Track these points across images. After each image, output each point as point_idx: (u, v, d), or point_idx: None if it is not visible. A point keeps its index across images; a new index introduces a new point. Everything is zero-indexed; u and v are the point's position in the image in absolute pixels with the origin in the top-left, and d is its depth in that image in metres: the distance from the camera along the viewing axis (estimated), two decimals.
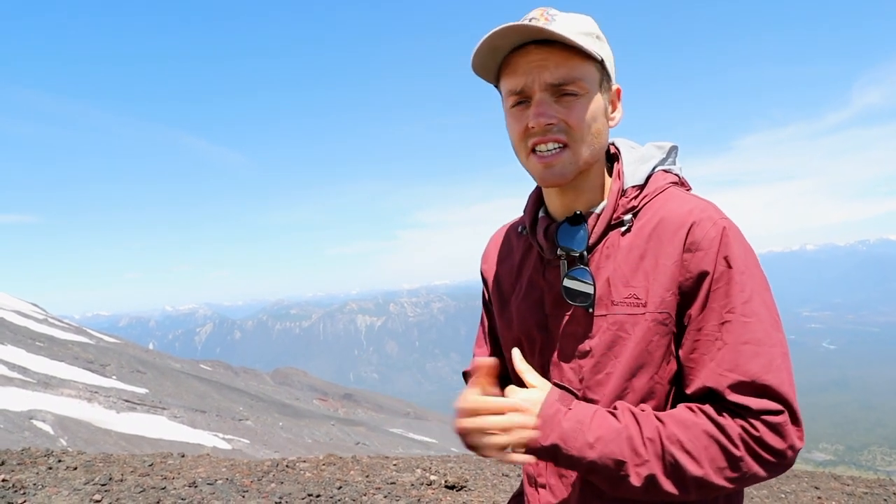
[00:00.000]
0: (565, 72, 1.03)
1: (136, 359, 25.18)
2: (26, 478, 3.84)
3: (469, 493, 4.56)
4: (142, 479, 4.13)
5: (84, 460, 4.46)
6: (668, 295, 1.04)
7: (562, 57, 1.03)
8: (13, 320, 25.14)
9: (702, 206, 1.08)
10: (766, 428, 0.95)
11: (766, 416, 0.95)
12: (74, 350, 22.86)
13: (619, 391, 1.07)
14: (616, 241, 1.11)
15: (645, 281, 1.06)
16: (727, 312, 1.00)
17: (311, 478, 4.59)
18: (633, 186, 1.13)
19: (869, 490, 5.65)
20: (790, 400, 0.96)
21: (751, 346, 0.98)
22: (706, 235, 1.03)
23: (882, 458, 66.97)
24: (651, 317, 1.05)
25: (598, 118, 1.08)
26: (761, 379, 0.96)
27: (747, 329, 0.98)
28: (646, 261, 1.07)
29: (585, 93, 1.06)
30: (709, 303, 1.02)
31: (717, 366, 0.99)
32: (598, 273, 1.11)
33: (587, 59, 1.05)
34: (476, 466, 5.55)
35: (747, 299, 1.00)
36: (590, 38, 1.06)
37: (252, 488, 4.19)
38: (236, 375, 36.85)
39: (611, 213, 1.12)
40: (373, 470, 5.00)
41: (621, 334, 1.07)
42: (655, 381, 1.06)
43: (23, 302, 32.64)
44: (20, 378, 16.57)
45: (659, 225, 1.08)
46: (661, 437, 0.97)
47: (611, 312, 1.08)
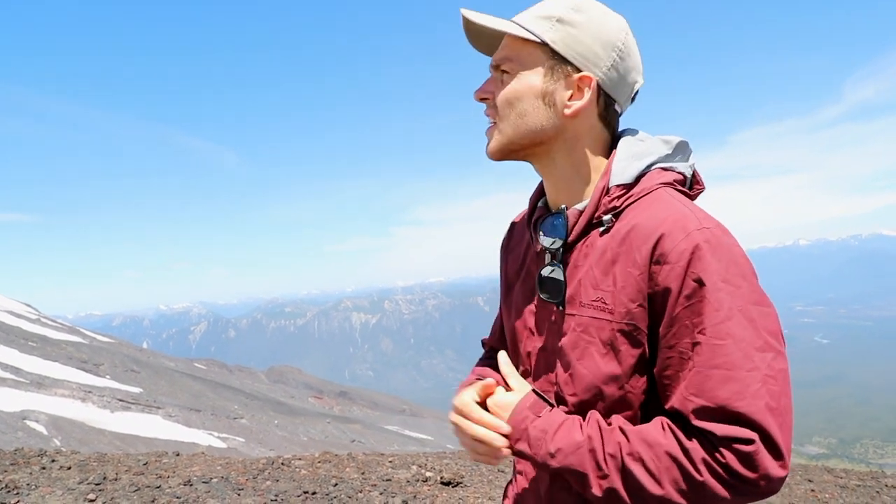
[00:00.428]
0: (503, 53, 1.09)
1: (130, 358, 25.07)
2: (20, 478, 3.82)
3: (465, 490, 4.56)
4: (136, 478, 4.11)
5: (78, 460, 4.44)
6: (633, 306, 0.99)
7: (508, 40, 1.09)
8: (5, 320, 24.98)
9: (681, 213, 0.99)
10: (733, 456, 0.89)
11: (735, 445, 0.89)
12: (68, 350, 22.74)
13: (589, 395, 1.04)
14: (595, 240, 1.07)
15: (613, 286, 1.02)
16: (698, 333, 0.93)
17: (307, 475, 4.59)
18: (618, 185, 1.06)
19: (861, 482, 5.69)
20: (767, 428, 0.88)
21: (721, 370, 0.90)
22: (675, 248, 0.95)
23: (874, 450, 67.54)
24: (617, 325, 1.00)
25: (524, 98, 1.07)
26: (731, 405, 0.89)
27: (718, 352, 0.91)
28: (616, 266, 1.02)
29: (513, 72, 1.08)
30: (679, 320, 0.95)
31: (685, 388, 0.93)
32: (574, 272, 1.08)
33: (526, 41, 1.06)
34: (472, 463, 5.55)
35: (723, 319, 0.92)
36: (544, 21, 1.05)
37: (247, 486, 4.18)
38: (231, 374, 36.76)
39: (592, 212, 1.07)
40: (368, 467, 5.00)
41: (585, 336, 1.04)
42: (627, 391, 1.02)
43: (15, 302, 32.42)
44: (13, 378, 16.48)
45: (632, 231, 1.01)
46: (622, 453, 0.95)
47: (579, 313, 1.05)
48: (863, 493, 5.32)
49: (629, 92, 1.11)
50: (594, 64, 1.05)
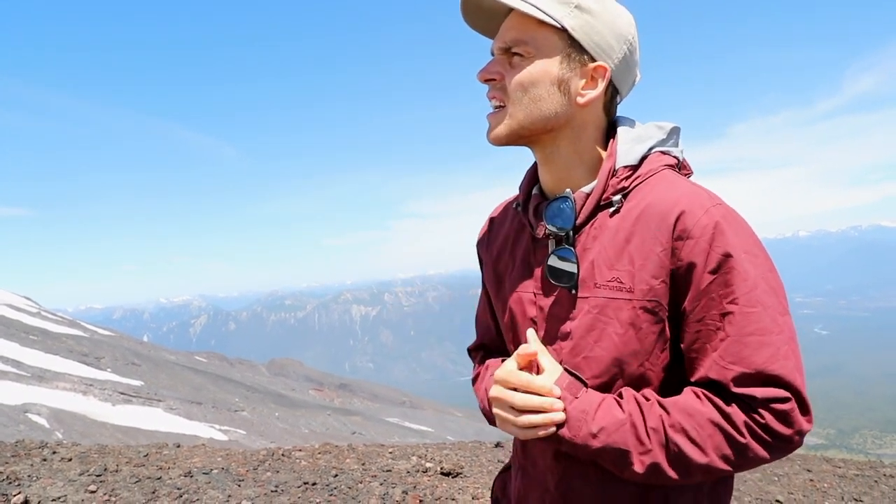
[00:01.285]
0: (514, 34, 1.04)
1: (130, 351, 25.13)
2: (20, 469, 3.83)
3: (465, 480, 4.58)
4: (137, 469, 4.13)
5: (79, 451, 4.45)
6: (656, 283, 1.01)
7: (520, 21, 1.04)
8: (6, 314, 25.01)
9: (693, 191, 1.04)
10: (772, 416, 0.94)
11: (773, 405, 0.94)
12: (68, 343, 22.79)
13: (608, 376, 1.05)
14: (604, 222, 1.07)
15: (630, 265, 1.03)
16: (729, 303, 0.97)
17: (307, 466, 4.61)
18: (624, 167, 1.08)
19: (860, 472, 5.71)
20: (798, 387, 0.95)
21: (755, 336, 0.95)
22: (697, 223, 0.99)
23: (872, 441, 67.87)
24: (638, 303, 1.02)
25: (539, 84, 1.04)
26: (768, 369, 0.94)
27: (751, 319, 0.96)
28: (631, 244, 1.03)
29: (530, 56, 1.04)
30: (708, 293, 0.98)
31: (721, 358, 0.97)
32: (584, 254, 1.08)
33: (545, 25, 1.03)
34: (471, 453, 5.57)
35: (751, 287, 0.96)
36: (563, 7, 1.03)
37: (248, 477, 4.20)
38: (232, 367, 36.85)
39: (600, 193, 1.07)
40: (368, 458, 5.01)
41: (602, 318, 1.04)
42: (647, 368, 1.04)
43: (15, 295, 32.45)
44: (14, 372, 16.51)
45: (647, 209, 1.04)
46: (664, 426, 0.97)
47: (593, 295, 1.05)
48: (861, 483, 5.34)
49: (631, 85, 1.13)
50: (608, 55, 1.06)
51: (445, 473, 4.65)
